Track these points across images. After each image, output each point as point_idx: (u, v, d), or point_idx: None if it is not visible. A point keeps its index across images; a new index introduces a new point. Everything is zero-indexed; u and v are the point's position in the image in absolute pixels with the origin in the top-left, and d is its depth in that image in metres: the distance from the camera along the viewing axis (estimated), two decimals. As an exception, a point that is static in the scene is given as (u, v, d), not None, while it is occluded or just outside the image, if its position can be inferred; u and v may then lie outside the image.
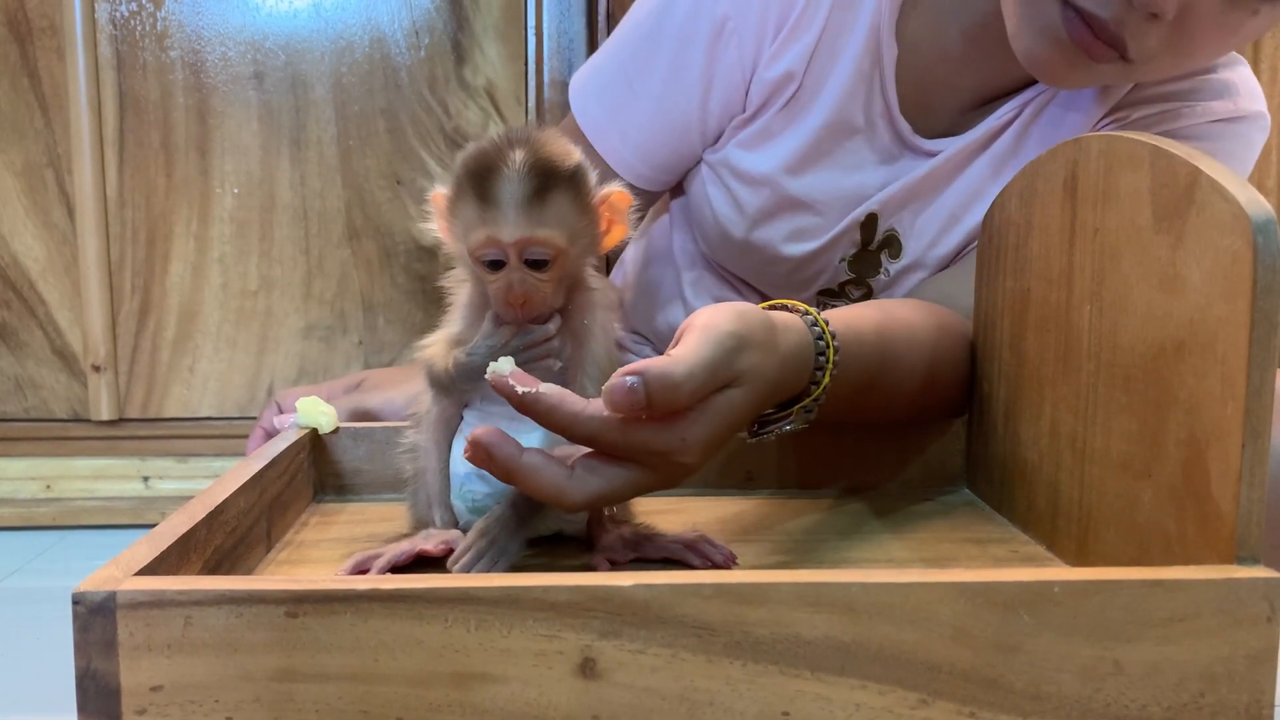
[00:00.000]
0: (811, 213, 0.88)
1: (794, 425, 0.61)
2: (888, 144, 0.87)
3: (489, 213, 0.54)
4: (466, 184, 0.55)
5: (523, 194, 0.54)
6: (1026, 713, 0.43)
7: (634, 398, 0.49)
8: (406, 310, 1.55)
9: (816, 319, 0.60)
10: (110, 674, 0.41)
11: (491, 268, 0.55)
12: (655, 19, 0.86)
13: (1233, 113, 0.85)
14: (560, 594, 0.42)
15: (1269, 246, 0.44)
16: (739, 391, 0.53)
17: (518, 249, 0.54)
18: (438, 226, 0.59)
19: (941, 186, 0.87)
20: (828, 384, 0.60)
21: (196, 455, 1.54)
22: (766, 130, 0.87)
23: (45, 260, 1.50)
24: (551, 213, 0.54)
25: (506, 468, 0.50)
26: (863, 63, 0.84)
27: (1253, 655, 0.43)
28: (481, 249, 0.55)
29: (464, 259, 0.58)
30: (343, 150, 1.51)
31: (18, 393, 1.53)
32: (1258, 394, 0.45)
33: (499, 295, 0.55)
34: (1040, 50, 0.75)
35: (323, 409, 0.74)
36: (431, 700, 0.42)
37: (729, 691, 0.42)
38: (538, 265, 0.55)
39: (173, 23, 1.47)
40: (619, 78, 0.89)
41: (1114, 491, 0.55)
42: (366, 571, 0.55)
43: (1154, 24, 0.70)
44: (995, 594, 0.42)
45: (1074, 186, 0.59)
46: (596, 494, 0.52)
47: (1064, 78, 0.77)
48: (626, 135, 0.89)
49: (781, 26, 0.84)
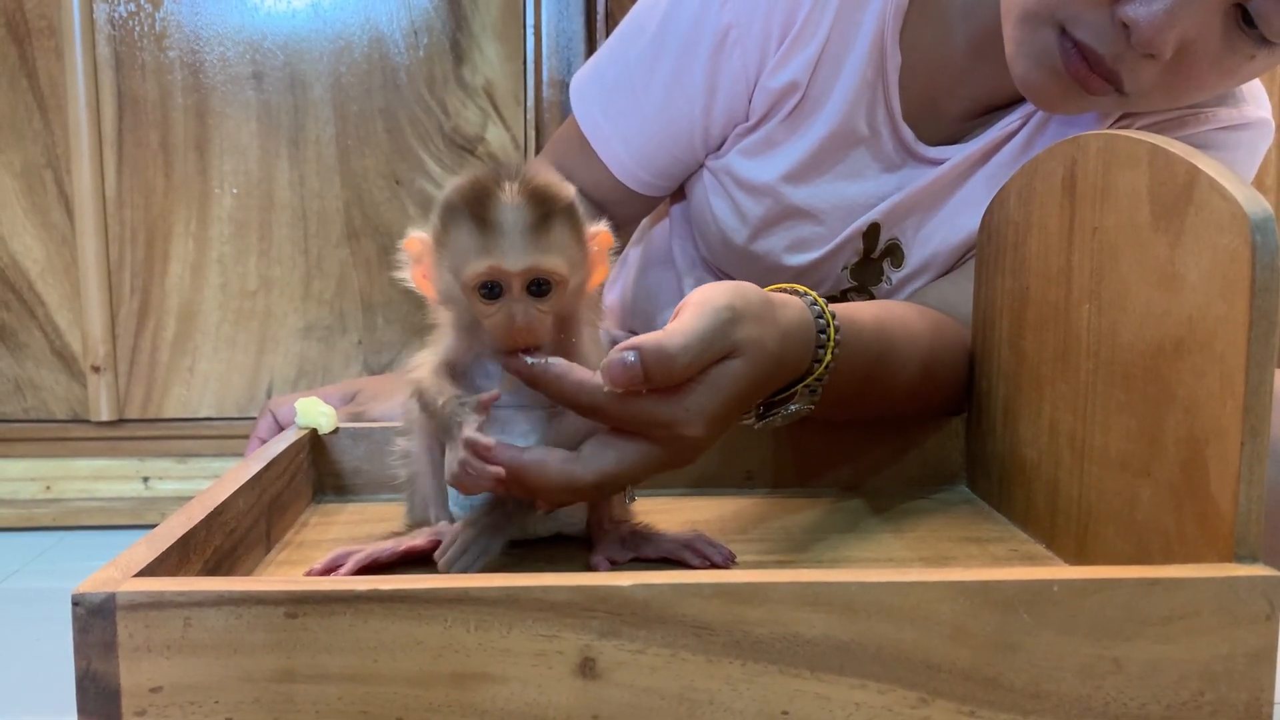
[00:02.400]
0: (814, 222, 0.88)
1: (800, 406, 0.61)
2: (891, 152, 0.86)
3: (491, 241, 0.52)
4: (461, 214, 0.53)
5: (526, 222, 0.53)
6: (1026, 711, 0.43)
7: (631, 372, 0.50)
8: (405, 310, 1.55)
9: (815, 299, 0.61)
10: (110, 675, 0.41)
11: (488, 299, 0.53)
12: (659, 25, 0.86)
13: (1238, 120, 0.84)
14: (560, 594, 0.42)
15: (1267, 245, 0.44)
16: (739, 363, 0.53)
17: (522, 278, 0.53)
18: (411, 275, 0.58)
19: (944, 196, 0.87)
20: (831, 361, 0.60)
21: (196, 456, 1.54)
22: (770, 139, 0.87)
23: (44, 261, 1.50)
24: (554, 241, 0.53)
25: (511, 468, 0.51)
26: (866, 71, 0.83)
27: (1252, 653, 0.43)
28: (483, 278, 0.53)
29: (451, 298, 0.56)
30: (341, 150, 1.51)
31: (17, 393, 1.53)
32: (1256, 392, 0.45)
33: (499, 328, 0.53)
34: (1036, 78, 0.75)
35: (322, 409, 0.74)
36: (431, 700, 0.42)
37: (729, 691, 0.42)
38: (540, 294, 0.53)
39: (171, 23, 1.47)
40: (622, 84, 0.88)
41: (1113, 490, 0.55)
42: (338, 568, 0.56)
43: (1151, 62, 0.70)
44: (994, 593, 0.42)
45: (1073, 185, 0.59)
46: (606, 472, 0.52)
47: (1059, 105, 0.77)
48: (628, 141, 0.89)
49: (785, 35, 0.84)
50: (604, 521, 0.61)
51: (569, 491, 0.53)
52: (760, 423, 0.63)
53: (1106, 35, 0.69)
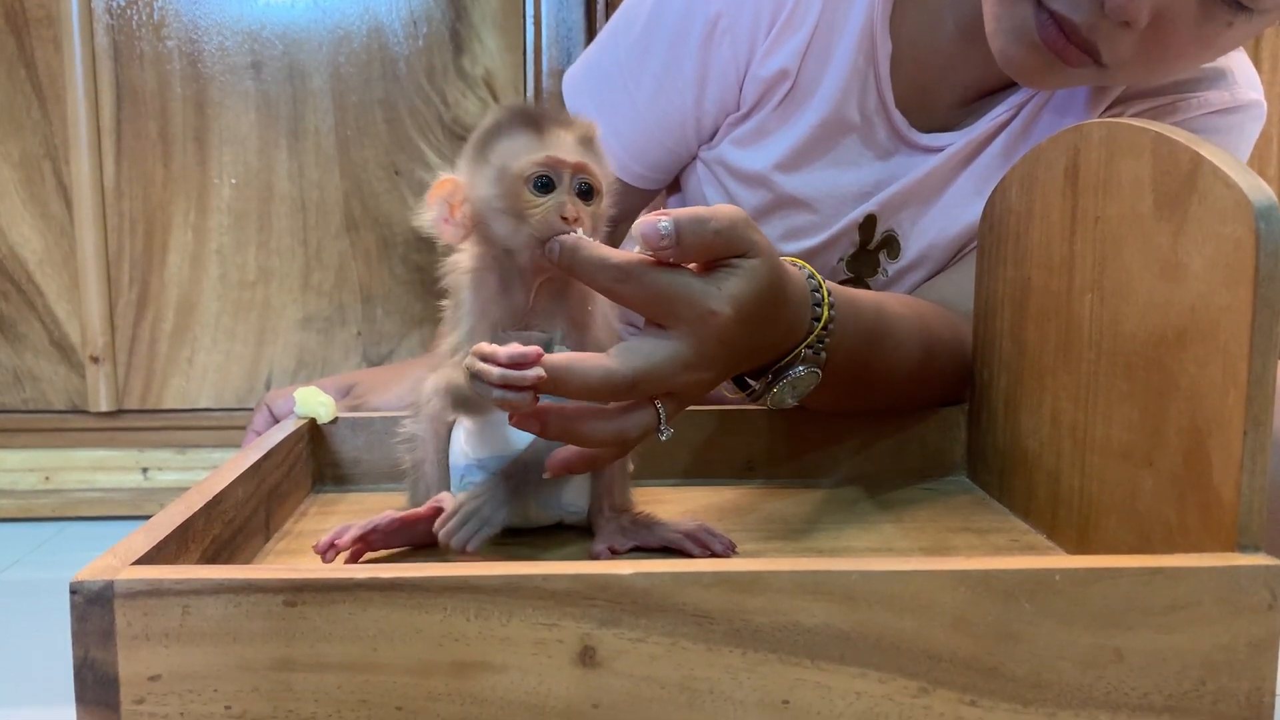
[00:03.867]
0: (808, 210, 0.88)
1: (806, 370, 0.61)
2: (884, 140, 0.86)
3: (547, 138, 0.56)
4: (512, 124, 0.57)
5: (575, 133, 0.57)
6: (1027, 701, 0.43)
7: (665, 235, 0.51)
8: (405, 301, 1.55)
9: (804, 265, 0.62)
10: (108, 663, 0.41)
11: (540, 191, 0.55)
12: (649, 17, 0.86)
13: (1229, 103, 0.84)
14: (560, 582, 0.42)
15: (1271, 233, 0.44)
16: (758, 260, 0.54)
17: (574, 171, 0.56)
18: (434, 220, 0.58)
19: (940, 188, 0.87)
20: (829, 321, 0.61)
21: (195, 446, 1.54)
22: (762, 128, 0.87)
23: (43, 251, 1.50)
24: (596, 156, 0.58)
25: (550, 368, 0.49)
26: (857, 59, 0.83)
27: (1254, 643, 0.43)
28: (539, 166, 0.55)
29: (487, 215, 0.56)
30: (341, 141, 1.51)
31: (16, 384, 1.53)
32: (1259, 382, 0.44)
33: (548, 214, 0.55)
34: (1015, 52, 0.74)
35: (321, 399, 0.73)
36: (431, 689, 0.42)
37: (729, 680, 0.42)
38: (585, 195, 0.56)
39: (169, 12, 1.46)
40: (613, 77, 0.88)
41: (1115, 480, 0.55)
42: (341, 539, 0.56)
43: (1127, 31, 0.70)
44: (995, 582, 0.42)
45: (1075, 174, 0.59)
46: (638, 368, 0.52)
47: (1039, 80, 0.77)
48: (621, 135, 0.89)
49: (774, 23, 0.84)
50: (605, 510, 0.61)
51: (606, 389, 0.52)
52: (770, 393, 0.62)
53: (1081, 3, 0.70)
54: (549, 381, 0.49)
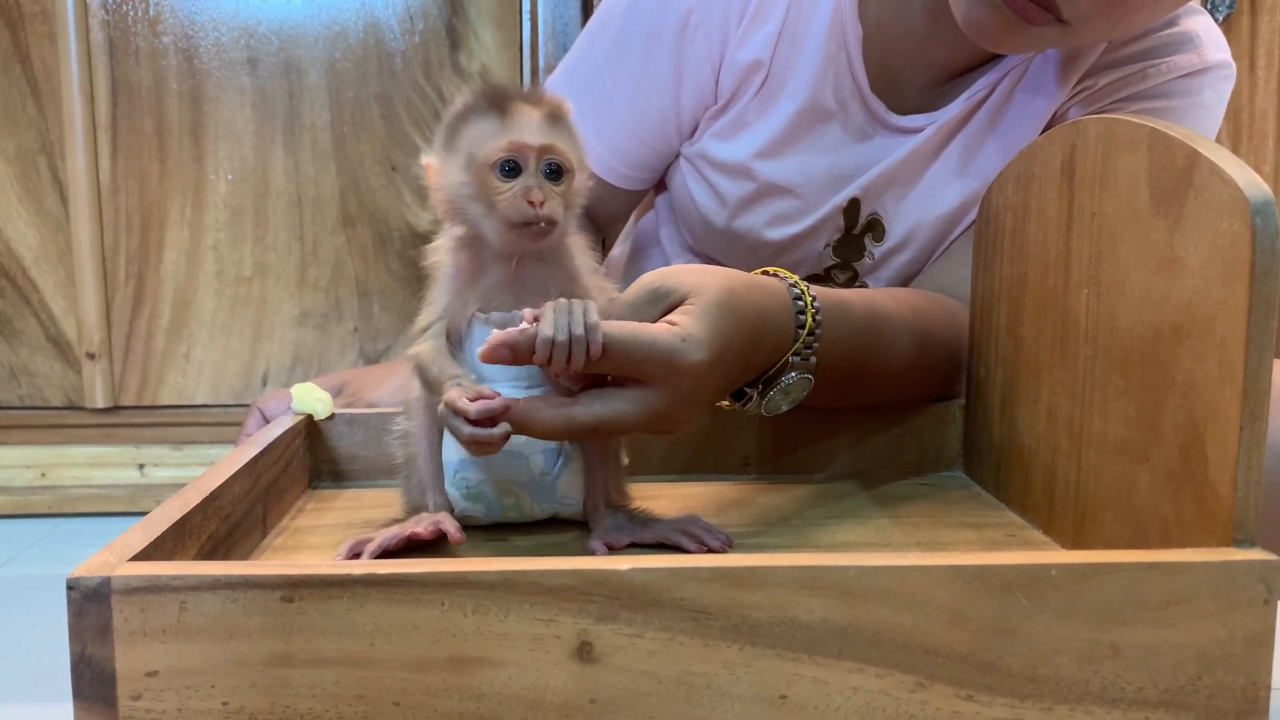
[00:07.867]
0: (791, 196, 0.89)
1: (797, 377, 0.62)
2: (862, 124, 0.87)
3: (510, 122, 0.56)
4: (479, 107, 0.56)
5: (542, 111, 0.57)
6: (1024, 695, 0.43)
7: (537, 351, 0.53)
8: (401, 297, 1.55)
9: (786, 275, 0.64)
10: (105, 660, 0.41)
11: (506, 176, 0.55)
12: (623, 18, 0.87)
13: (1198, 65, 0.84)
14: (557, 578, 0.42)
15: (1267, 229, 0.44)
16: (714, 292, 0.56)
17: (539, 154, 0.55)
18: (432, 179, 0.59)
19: (920, 169, 0.88)
20: (814, 325, 0.62)
21: (192, 443, 1.54)
22: (740, 120, 0.88)
23: (39, 247, 1.50)
24: (565, 132, 0.57)
25: (512, 416, 0.53)
26: (829, 45, 0.84)
27: (1249, 637, 0.43)
28: (503, 152, 0.55)
29: (460, 200, 0.57)
30: (337, 136, 1.50)
31: (12, 381, 1.53)
32: (1255, 377, 0.44)
33: (514, 199, 0.55)
34: (977, 14, 0.74)
35: (317, 395, 0.73)
36: (428, 685, 0.42)
37: (726, 675, 0.42)
38: (553, 176, 0.56)
39: (165, 8, 1.46)
40: (592, 80, 0.89)
41: (1111, 475, 0.55)
42: (359, 556, 0.55)
43: None
44: (992, 577, 0.42)
45: (1071, 170, 0.59)
46: (603, 415, 0.54)
47: (1003, 42, 0.77)
48: (603, 137, 0.89)
49: (744, 13, 0.85)
50: (601, 506, 0.61)
51: (566, 432, 0.55)
52: (764, 401, 0.63)
53: None
54: (515, 426, 0.53)
